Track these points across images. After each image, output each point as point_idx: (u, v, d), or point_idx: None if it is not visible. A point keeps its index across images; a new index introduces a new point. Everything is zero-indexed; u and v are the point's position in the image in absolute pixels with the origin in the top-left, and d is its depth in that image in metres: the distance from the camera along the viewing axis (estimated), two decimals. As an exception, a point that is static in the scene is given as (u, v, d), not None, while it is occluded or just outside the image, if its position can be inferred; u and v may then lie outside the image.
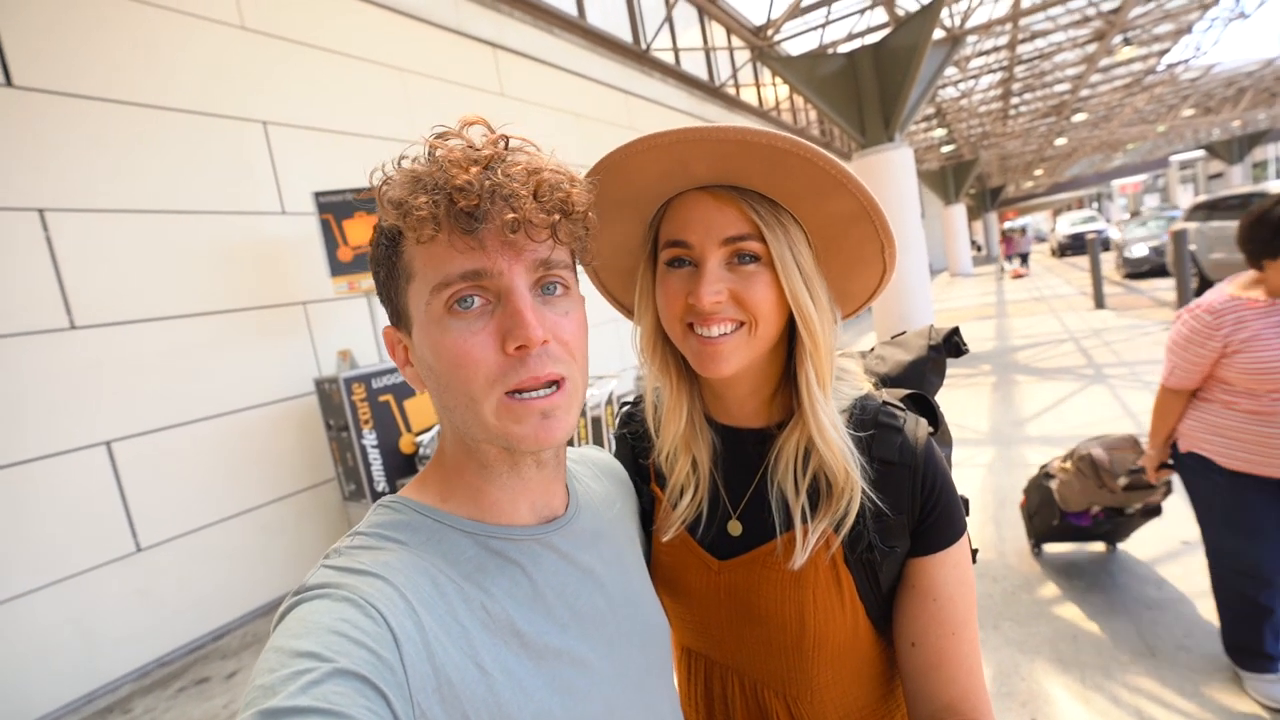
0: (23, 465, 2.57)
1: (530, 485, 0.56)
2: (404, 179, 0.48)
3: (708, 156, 0.60)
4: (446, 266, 0.48)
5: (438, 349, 0.49)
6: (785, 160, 0.59)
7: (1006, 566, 2.73)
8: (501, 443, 0.51)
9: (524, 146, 0.52)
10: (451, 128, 0.50)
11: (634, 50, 7.18)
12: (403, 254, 0.51)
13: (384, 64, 4.27)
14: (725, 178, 0.63)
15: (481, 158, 0.48)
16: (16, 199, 2.61)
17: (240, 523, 3.27)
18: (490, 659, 0.47)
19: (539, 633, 0.51)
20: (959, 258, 20.80)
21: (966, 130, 17.20)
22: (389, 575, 0.45)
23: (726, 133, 0.57)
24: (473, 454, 0.54)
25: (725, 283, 0.63)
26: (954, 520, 0.66)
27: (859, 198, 0.62)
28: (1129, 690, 1.94)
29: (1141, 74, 13.80)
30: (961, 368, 6.83)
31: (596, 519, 0.64)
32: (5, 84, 2.61)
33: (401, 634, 0.42)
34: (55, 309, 2.69)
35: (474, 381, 0.48)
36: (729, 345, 0.64)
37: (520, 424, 0.49)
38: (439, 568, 0.49)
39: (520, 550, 0.54)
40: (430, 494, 0.55)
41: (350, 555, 0.47)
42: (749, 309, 0.63)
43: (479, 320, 0.49)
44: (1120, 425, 4.16)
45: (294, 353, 3.58)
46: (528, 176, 0.48)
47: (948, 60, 7.75)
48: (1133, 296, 9.54)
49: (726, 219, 0.63)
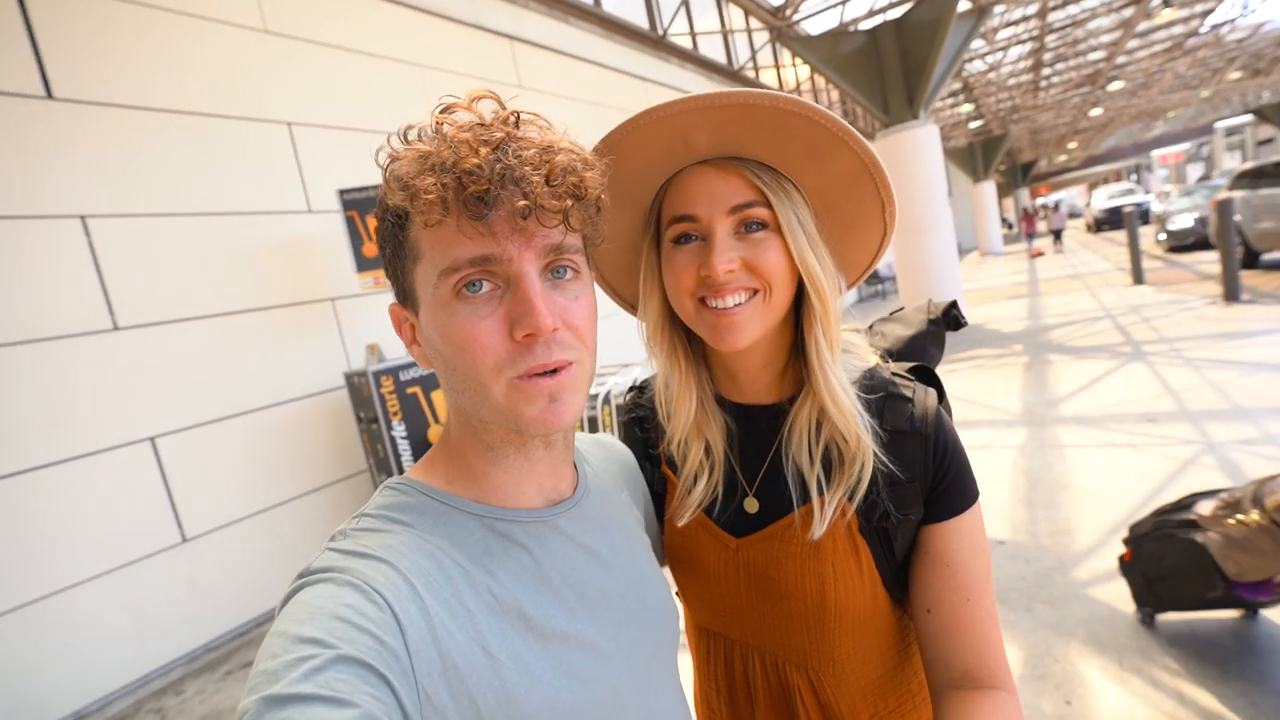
0: (75, 461, 2.69)
1: (538, 467, 0.56)
2: (412, 157, 0.46)
3: (709, 125, 0.61)
4: (455, 251, 0.47)
5: (445, 332, 0.49)
6: (789, 122, 0.60)
7: (1039, 548, 2.68)
8: (510, 425, 0.50)
9: (535, 121, 0.51)
10: (459, 99, 0.49)
11: (651, 36, 7.11)
12: (409, 234, 0.50)
13: (403, 60, 4.32)
14: (727, 148, 0.64)
15: (493, 139, 0.46)
16: (60, 207, 2.72)
17: (278, 513, 3.38)
18: (496, 642, 0.46)
19: (545, 616, 0.50)
20: (989, 236, 20.27)
21: (995, 104, 16.67)
22: (393, 559, 0.45)
23: (731, 98, 0.58)
24: (479, 436, 0.53)
25: (736, 251, 0.63)
26: (966, 487, 0.67)
27: (860, 155, 0.62)
28: (1169, 673, 1.90)
29: (1183, 37, 13.17)
30: (991, 348, 6.68)
31: (605, 502, 0.64)
32: (46, 97, 2.71)
33: (405, 619, 0.42)
34: (99, 311, 2.80)
35: (481, 366, 0.48)
36: (744, 314, 0.64)
37: (530, 405, 0.49)
38: (444, 550, 0.48)
39: (527, 533, 0.53)
40: (437, 476, 0.54)
41: (355, 538, 0.47)
42: (762, 275, 0.63)
43: (487, 305, 0.48)
44: (1161, 404, 4.03)
45: (324, 347, 3.67)
46: (540, 159, 0.47)
47: (974, 32, 7.52)
48: (1174, 271, 9.19)
49: (731, 188, 0.64)
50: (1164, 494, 2.92)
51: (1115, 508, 2.88)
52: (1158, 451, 3.37)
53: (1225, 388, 4.08)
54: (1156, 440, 3.52)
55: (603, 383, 3.95)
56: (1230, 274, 6.26)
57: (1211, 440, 3.37)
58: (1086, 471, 3.32)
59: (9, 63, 2.63)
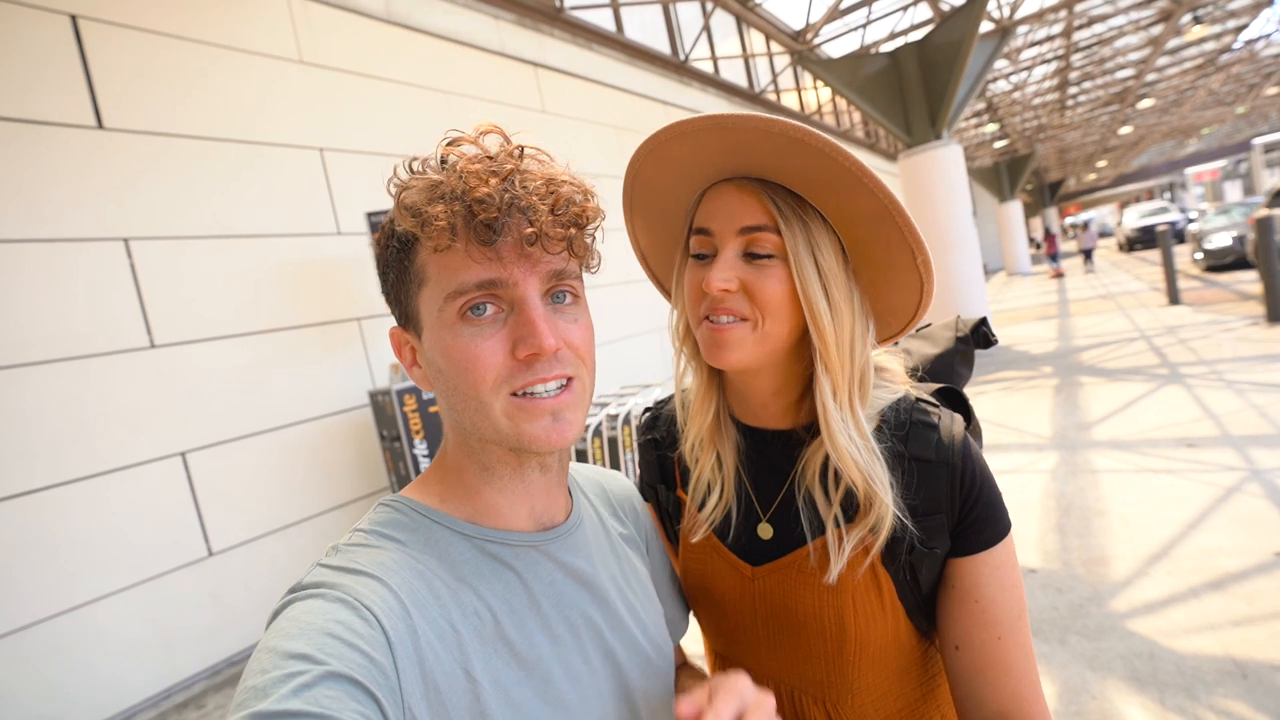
0: (108, 475, 2.77)
1: (532, 490, 0.56)
2: (422, 186, 0.48)
3: (725, 146, 0.60)
4: (462, 275, 0.48)
5: (448, 353, 0.50)
6: (801, 151, 0.58)
7: (1073, 577, 2.58)
8: (512, 444, 0.51)
9: (538, 155, 0.53)
10: (465, 133, 0.51)
11: (673, 61, 7.23)
12: (415, 259, 0.51)
13: (430, 87, 4.45)
14: (749, 169, 0.63)
15: (502, 170, 0.48)
16: (105, 230, 2.84)
17: (301, 530, 3.42)
18: (480, 666, 0.46)
19: (531, 642, 0.50)
20: (1016, 256, 19.92)
21: (1020, 124, 16.51)
22: (384, 576, 0.45)
23: (742, 120, 0.57)
24: (475, 456, 0.54)
25: (737, 271, 0.63)
26: (997, 519, 0.63)
27: (878, 196, 0.59)
28: (1216, 714, 1.79)
29: (1215, 53, 12.95)
30: (1020, 370, 6.52)
31: (599, 534, 0.63)
32: (97, 127, 2.85)
33: (395, 636, 0.42)
34: (137, 329, 2.90)
35: (482, 384, 0.49)
36: (734, 334, 0.63)
37: (532, 423, 0.50)
38: (434, 570, 0.48)
39: (516, 556, 0.53)
40: (431, 495, 0.55)
41: (347, 553, 0.47)
42: (758, 303, 0.62)
43: (491, 327, 0.49)
44: (1201, 428, 3.88)
45: (350, 366, 3.74)
46: (546, 190, 0.49)
47: (997, 53, 7.49)
48: (1212, 290, 8.91)
49: (746, 209, 0.63)
50: (1207, 522, 2.80)
51: (1154, 536, 2.77)
52: (1198, 478, 3.24)
53: (1270, 411, 3.92)
54: (1196, 466, 3.39)
55: (623, 403, 3.95)
56: (1273, 293, 6.04)
57: (1257, 466, 3.23)
58: (1122, 498, 3.20)
59: (67, 96, 2.78)
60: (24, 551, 2.53)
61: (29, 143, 2.65)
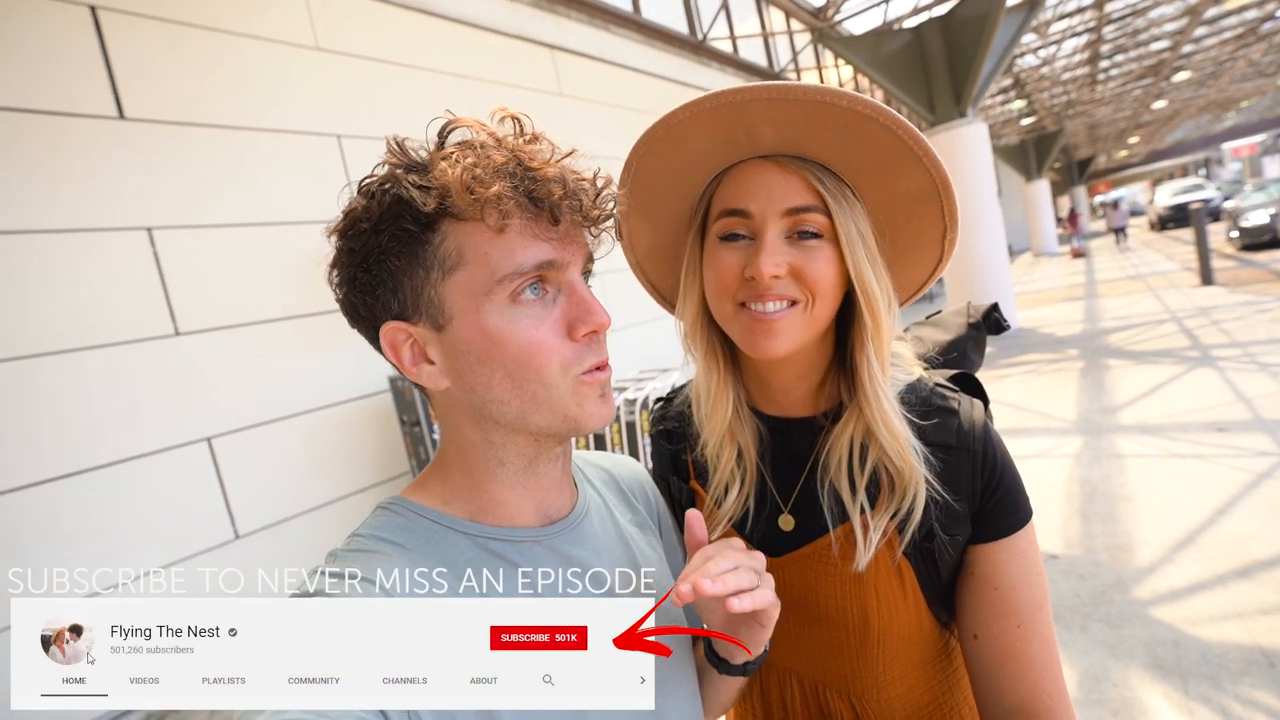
0: (137, 460, 2.85)
1: (543, 482, 0.56)
2: (464, 159, 0.46)
3: (778, 119, 0.58)
4: (520, 256, 0.47)
5: (500, 338, 0.48)
6: (863, 128, 0.56)
7: (1096, 563, 2.54)
8: (566, 426, 0.51)
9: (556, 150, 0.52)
10: (463, 118, 0.51)
11: (691, 41, 7.11)
12: (441, 240, 0.48)
13: (445, 72, 4.44)
14: (792, 145, 0.60)
15: (559, 153, 0.50)
16: (128, 219, 2.89)
17: (324, 513, 3.50)
18: None
19: None
20: (1043, 237, 19.46)
21: (1049, 100, 15.99)
22: (384, 581, 0.45)
23: (807, 92, 0.55)
24: (491, 453, 0.53)
25: (785, 256, 0.60)
26: (1018, 506, 0.63)
27: (933, 174, 0.59)
28: (1241, 704, 1.76)
29: (1257, 22, 12.37)
30: (1045, 353, 6.39)
31: (606, 523, 0.63)
32: (118, 117, 2.89)
33: None
34: (162, 317, 2.96)
35: (548, 368, 0.49)
36: (785, 321, 0.60)
37: (590, 401, 0.51)
38: (436, 570, 0.48)
39: (520, 552, 0.53)
40: (431, 495, 0.54)
41: (346, 559, 0.48)
42: (809, 285, 0.60)
43: (544, 309, 0.50)
44: (1232, 412, 3.78)
45: (370, 352, 3.72)
46: (592, 174, 0.51)
47: (1024, 26, 7.24)
48: (1248, 270, 8.61)
49: (791, 188, 0.60)
50: (1237, 508, 2.73)
51: (1181, 521, 2.71)
52: (1229, 463, 3.16)
53: (1306, 396, 3.80)
54: (1227, 451, 3.30)
55: (641, 387, 3.95)
56: (1312, 274, 5.83)
57: (1290, 452, 3.14)
58: (1148, 483, 3.13)
59: (89, 87, 2.81)
60: (55, 536, 2.62)
61: (52, 134, 2.70)
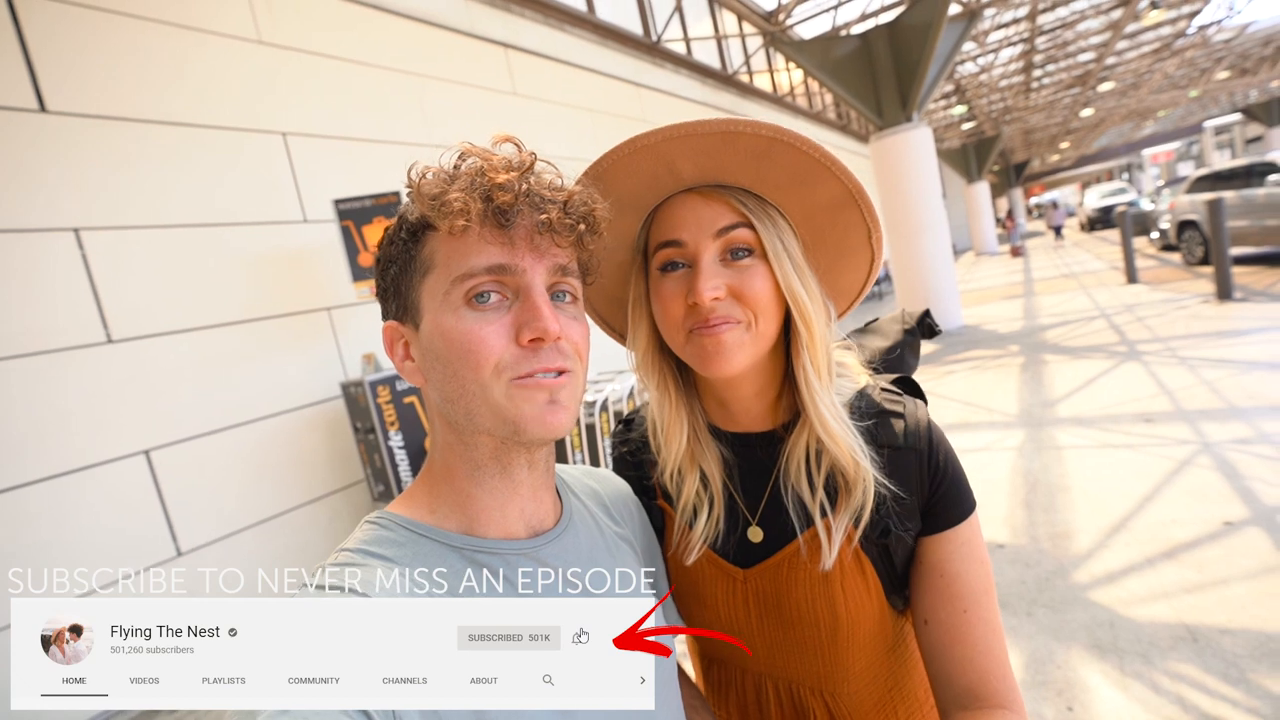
0: (69, 475, 2.67)
1: (520, 490, 0.56)
2: (441, 175, 0.51)
3: (693, 153, 0.61)
4: (472, 259, 0.50)
5: (449, 336, 0.50)
6: (771, 149, 0.60)
7: (1039, 551, 2.68)
8: (507, 429, 0.51)
9: (550, 167, 0.55)
10: (476, 145, 0.53)
11: (645, 42, 7.13)
12: (423, 247, 0.52)
13: (398, 70, 4.31)
14: (711, 175, 0.64)
15: (519, 163, 0.51)
16: (53, 220, 2.70)
17: (276, 525, 3.36)
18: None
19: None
20: (984, 237, 20.35)
21: (987, 106, 16.76)
22: (384, 582, 0.46)
23: (713, 125, 0.58)
24: (467, 453, 0.54)
25: (722, 278, 0.63)
26: (963, 498, 0.67)
27: (844, 182, 0.63)
28: (1170, 677, 1.90)
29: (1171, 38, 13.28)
30: (988, 349, 6.70)
31: (591, 535, 0.64)
32: (39, 110, 2.70)
33: None
34: (93, 324, 2.78)
35: (484, 367, 0.50)
36: (731, 339, 0.63)
37: (529, 404, 0.51)
38: (423, 584, 0.49)
39: (508, 564, 0.53)
40: (418, 508, 0.55)
41: (334, 574, 0.47)
42: (749, 303, 0.64)
43: (495, 313, 0.51)
44: (1157, 404, 4.05)
45: (320, 358, 3.66)
46: (559, 186, 0.53)
47: (965, 35, 7.56)
48: (1167, 269, 9.23)
49: (715, 212, 0.64)
50: (1162, 495, 2.92)
51: (1114, 509, 2.89)
52: (1155, 452, 3.38)
53: (1220, 387, 4.10)
54: (1154, 440, 3.53)
55: (600, 390, 3.94)
56: (1223, 272, 6.29)
57: (1207, 440, 3.38)
58: (1084, 473, 3.32)
59: (4, 78, 2.61)
60: (-19, 557, 2.44)
61: (-34, 128, 2.51)
